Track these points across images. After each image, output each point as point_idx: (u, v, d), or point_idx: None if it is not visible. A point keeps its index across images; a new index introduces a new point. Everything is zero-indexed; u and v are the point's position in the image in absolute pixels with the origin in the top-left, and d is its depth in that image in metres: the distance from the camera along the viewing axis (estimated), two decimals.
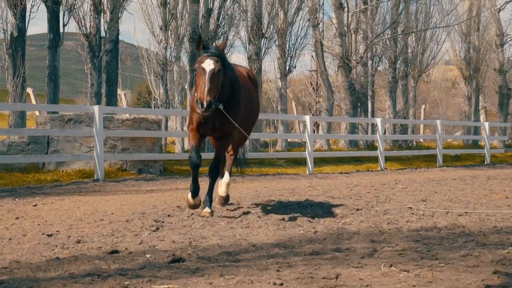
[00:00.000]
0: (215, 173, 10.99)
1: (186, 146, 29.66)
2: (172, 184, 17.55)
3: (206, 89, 9.66)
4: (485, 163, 31.69)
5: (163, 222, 9.88)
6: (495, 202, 12.76)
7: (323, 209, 11.50)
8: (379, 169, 25.94)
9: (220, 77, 10.07)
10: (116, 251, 7.35)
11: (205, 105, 9.56)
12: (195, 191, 10.73)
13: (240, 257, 6.97)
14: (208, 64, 9.89)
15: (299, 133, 36.05)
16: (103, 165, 18.00)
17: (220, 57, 10.15)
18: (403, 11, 39.38)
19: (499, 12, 49.28)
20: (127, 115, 20.49)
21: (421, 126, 50.38)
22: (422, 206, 11.89)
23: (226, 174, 12.12)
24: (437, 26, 41.81)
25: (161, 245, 7.79)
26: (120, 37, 27.89)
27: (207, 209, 10.65)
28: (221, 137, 10.95)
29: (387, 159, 28.28)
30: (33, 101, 29.29)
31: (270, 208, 11.83)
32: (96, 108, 18.16)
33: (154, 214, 10.84)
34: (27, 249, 7.66)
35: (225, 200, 12.00)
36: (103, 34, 27.06)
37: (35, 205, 12.32)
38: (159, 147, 20.85)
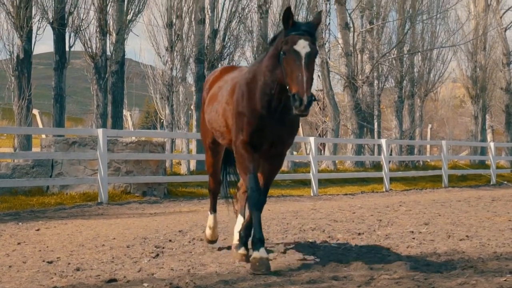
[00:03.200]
0: (261, 206, 8.36)
1: (192, 167, 29.67)
2: (176, 207, 17.57)
3: (305, 79, 7.47)
4: (491, 183, 31.63)
5: (163, 247, 9.89)
6: (497, 225, 12.75)
7: (324, 234, 11.49)
8: (384, 190, 25.91)
9: (315, 65, 8.05)
10: (114, 280, 7.37)
11: (305, 101, 7.35)
12: (261, 239, 8.10)
13: (237, 285, 6.98)
14: (303, 47, 7.70)
15: (305, 153, 36.02)
16: (107, 188, 18.04)
17: (315, 37, 7.99)
18: (409, 31, 39.39)
19: (505, 31, 49.32)
20: (132, 137, 20.53)
21: (428, 146, 50.34)
22: (424, 230, 11.89)
23: (240, 219, 9.60)
24: (443, 45, 41.84)
25: (159, 273, 7.81)
26: (128, 56, 28.01)
27: (243, 251, 8.86)
28: (276, 156, 8.66)
29: (393, 179, 28.25)
30: (39, 122, 29.34)
31: (270, 231, 11.82)
32: (100, 131, 18.23)
33: (155, 239, 10.85)
34: (26, 277, 7.69)
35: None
36: (108, 54, 27.16)
37: (37, 230, 12.35)
38: (163, 169, 20.88)
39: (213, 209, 10.54)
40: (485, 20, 46.02)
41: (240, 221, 9.48)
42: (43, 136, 22.14)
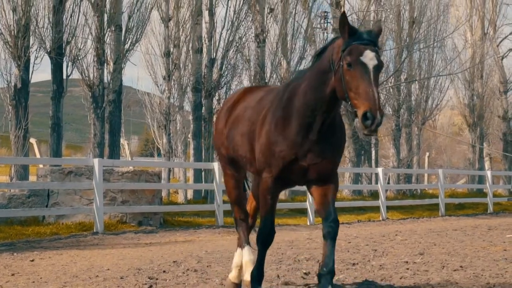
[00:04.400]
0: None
1: (189, 196, 29.67)
2: (171, 237, 17.56)
3: (376, 94, 6.69)
4: (488, 211, 31.62)
5: (157, 279, 9.86)
6: (492, 255, 12.75)
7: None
8: (380, 219, 25.90)
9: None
10: None
11: (378, 120, 6.61)
12: (259, 278, 7.89)
13: None
14: (371, 58, 6.84)
15: None
16: (102, 218, 18.04)
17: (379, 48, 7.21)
18: (406, 59, 39.55)
19: (502, 59, 49.53)
20: (129, 167, 20.58)
21: (426, 174, 50.36)
22: (418, 260, 11.89)
23: (247, 251, 8.82)
24: (440, 74, 41.98)
25: None
26: (127, 83, 28.11)
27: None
28: (323, 180, 7.60)
29: (390, 208, 28.21)
30: (36, 151, 29.43)
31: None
32: (95, 161, 18.28)
33: (149, 270, 10.82)
34: None
35: None
36: (106, 83, 27.25)
37: (32, 260, 12.35)
38: (159, 199, 20.89)
39: (246, 241, 8.97)
40: (482, 48, 46.21)
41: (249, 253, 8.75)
42: (41, 165, 22.15)
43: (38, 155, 30.14)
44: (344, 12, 7.21)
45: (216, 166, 21.72)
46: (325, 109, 7.26)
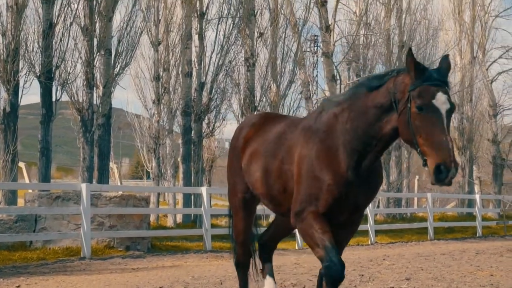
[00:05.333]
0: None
1: (179, 219, 29.63)
2: (159, 262, 17.52)
3: (451, 145, 6.16)
4: (477, 235, 31.65)
5: None
6: (479, 280, 12.76)
7: None
8: (369, 243, 25.90)
9: None
10: None
11: (453, 174, 6.11)
12: None
13: None
14: (444, 102, 6.36)
15: None
16: (89, 243, 18.00)
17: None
18: None
19: (491, 83, 49.69)
20: (116, 192, 20.56)
21: (415, 197, 50.36)
22: (405, 286, 11.88)
23: (270, 282, 8.74)
24: None
25: None
26: (118, 106, 28.14)
27: None
28: (356, 222, 7.39)
29: (378, 232, 28.20)
30: (25, 176, 29.40)
31: None
32: (83, 186, 18.26)
33: None
34: None
35: None
36: (95, 107, 27.27)
37: (18, 286, 12.30)
38: (147, 223, 20.85)
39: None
40: (471, 72, 46.40)
41: (270, 284, 8.50)
42: (30, 190, 22.11)
43: (27, 179, 30.12)
44: (410, 48, 6.62)
45: (204, 190, 21.73)
46: (380, 147, 6.85)
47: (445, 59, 6.73)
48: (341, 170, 6.78)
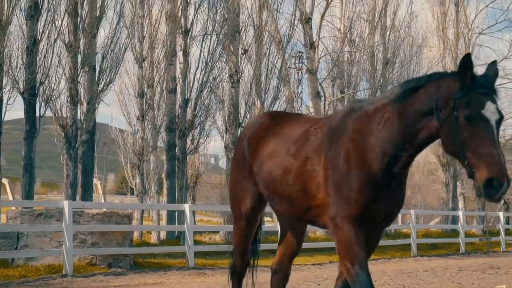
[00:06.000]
0: None
1: (162, 236, 29.61)
2: (141, 279, 17.51)
3: (502, 158, 5.86)
4: (460, 252, 31.73)
5: None
6: None
7: None
8: None
9: None
10: None
11: (505, 187, 5.76)
12: None
13: None
14: (493, 112, 6.06)
15: (276, 223, 36.07)
16: (72, 260, 17.96)
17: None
18: None
19: None
20: (98, 209, 20.54)
21: (399, 214, 50.44)
22: None
23: None
24: None
25: None
26: (104, 121, 28.17)
27: None
28: (379, 234, 7.18)
29: None
30: (8, 192, 29.33)
31: None
32: (65, 203, 18.25)
33: None
34: None
35: None
36: (79, 123, 27.27)
37: None
38: (129, 240, 20.83)
39: None
40: None
41: None
42: (13, 207, 22.06)
43: (10, 196, 30.03)
44: (469, 54, 6.23)
45: (187, 207, 21.73)
46: (411, 153, 6.58)
47: (493, 64, 6.39)
48: (372, 172, 6.53)
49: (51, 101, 26.45)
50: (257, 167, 7.86)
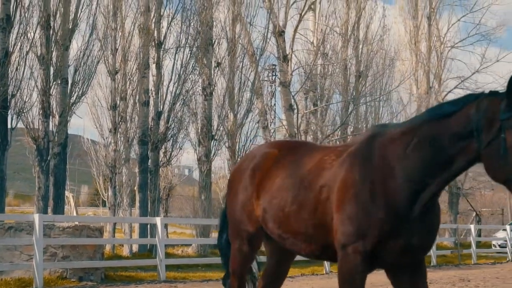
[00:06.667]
0: None
1: (135, 248, 29.53)
2: None
3: None
4: (431, 264, 31.86)
5: None
6: None
7: None
8: (324, 272, 25.96)
9: None
10: None
11: None
12: None
13: None
14: None
15: None
16: (42, 274, 17.87)
17: None
18: (352, 112, 40.01)
19: None
20: (70, 222, 20.49)
21: None
22: None
23: None
24: None
25: None
26: (77, 132, 28.08)
27: None
28: (415, 265, 6.47)
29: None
30: None
31: None
32: (36, 217, 18.17)
33: None
34: None
35: None
36: (51, 135, 27.18)
37: None
38: (100, 254, 20.78)
39: None
40: (427, 102, 46.91)
41: None
42: None
43: None
44: None
45: (159, 221, 21.70)
46: (444, 180, 6.12)
47: None
48: (396, 202, 6.07)
49: (23, 114, 26.32)
50: (265, 202, 7.33)
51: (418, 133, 6.14)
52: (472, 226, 37.65)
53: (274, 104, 47.58)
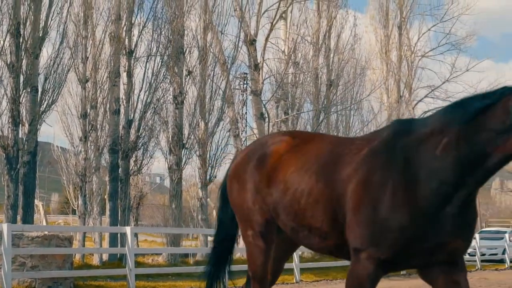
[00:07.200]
0: None
1: (105, 257, 29.36)
2: None
3: None
4: (401, 273, 31.91)
5: None
6: None
7: None
8: (294, 281, 25.99)
9: None
10: None
11: None
12: None
13: None
14: None
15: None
16: (10, 284, 17.74)
17: None
18: (323, 121, 40.11)
19: None
20: (39, 232, 20.37)
21: None
22: None
23: None
24: (357, 135, 42.63)
25: None
26: (50, 140, 27.90)
27: None
28: (451, 264, 6.25)
29: (304, 270, 28.24)
30: None
31: None
32: (4, 226, 18.05)
33: None
34: None
35: None
36: (21, 144, 27.01)
37: None
38: (69, 263, 20.68)
39: None
40: (398, 110, 47.16)
41: None
42: None
43: None
44: None
45: (128, 230, 21.63)
46: (480, 178, 5.95)
47: None
48: (422, 208, 5.86)
49: None
50: (277, 191, 7.08)
51: (449, 132, 5.93)
52: None
53: (246, 113, 47.54)
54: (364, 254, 5.98)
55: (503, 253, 39.50)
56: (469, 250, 42.43)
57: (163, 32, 32.64)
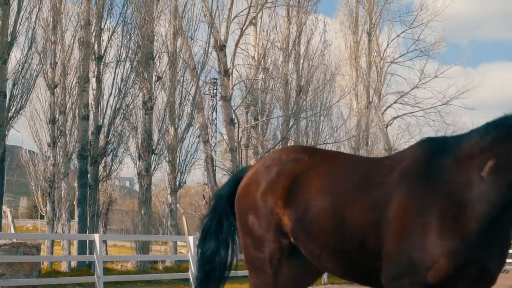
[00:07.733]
0: None
1: (73, 264, 29.21)
2: None
3: None
4: None
5: None
6: None
7: None
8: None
9: None
10: None
11: None
12: None
13: None
14: None
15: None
16: None
17: None
18: (293, 127, 40.16)
19: (386, 127, 50.74)
20: (6, 239, 20.23)
21: None
22: None
23: None
24: (326, 141, 42.67)
25: None
26: (16, 143, 27.72)
27: None
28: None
29: None
30: None
31: None
32: None
33: None
34: None
35: None
36: None
37: None
38: (37, 271, 20.53)
39: None
40: (367, 116, 47.34)
41: None
42: None
43: None
44: None
45: (97, 237, 21.52)
46: None
47: None
48: (471, 232, 5.55)
49: None
50: (298, 211, 6.55)
51: (494, 154, 5.60)
52: None
53: (215, 118, 47.66)
54: (408, 282, 5.64)
55: None
56: None
57: (132, 38, 32.64)
